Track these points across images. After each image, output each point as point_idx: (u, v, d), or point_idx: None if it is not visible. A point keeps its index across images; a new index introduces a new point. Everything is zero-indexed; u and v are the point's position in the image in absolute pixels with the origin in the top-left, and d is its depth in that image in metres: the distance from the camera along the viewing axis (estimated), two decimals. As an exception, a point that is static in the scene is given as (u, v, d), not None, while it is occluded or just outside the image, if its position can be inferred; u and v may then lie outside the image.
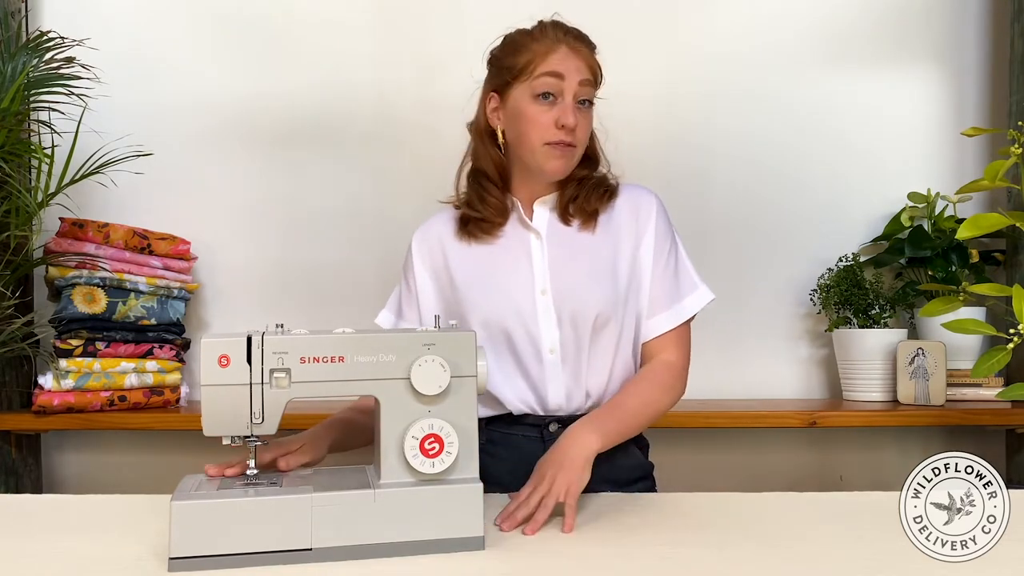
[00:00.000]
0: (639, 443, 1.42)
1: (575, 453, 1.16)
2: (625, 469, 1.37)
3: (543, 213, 1.38)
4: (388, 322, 1.47)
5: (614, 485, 1.33)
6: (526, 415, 1.34)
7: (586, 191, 1.37)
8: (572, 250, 1.35)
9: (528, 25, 1.37)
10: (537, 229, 1.37)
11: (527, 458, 1.32)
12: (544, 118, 1.30)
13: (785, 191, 2.13)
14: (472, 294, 1.35)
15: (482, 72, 1.42)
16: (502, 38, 1.39)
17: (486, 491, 0.94)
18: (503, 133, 1.37)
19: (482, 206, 1.38)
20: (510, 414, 1.36)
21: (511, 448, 1.35)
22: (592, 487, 1.31)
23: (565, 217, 1.37)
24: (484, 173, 1.40)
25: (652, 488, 1.43)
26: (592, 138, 1.42)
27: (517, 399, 1.34)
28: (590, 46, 1.35)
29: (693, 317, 1.37)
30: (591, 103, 1.34)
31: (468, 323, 1.36)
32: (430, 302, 1.42)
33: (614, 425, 1.25)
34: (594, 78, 1.34)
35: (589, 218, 1.36)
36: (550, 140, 1.30)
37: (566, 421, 1.33)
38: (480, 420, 1.37)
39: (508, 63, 1.35)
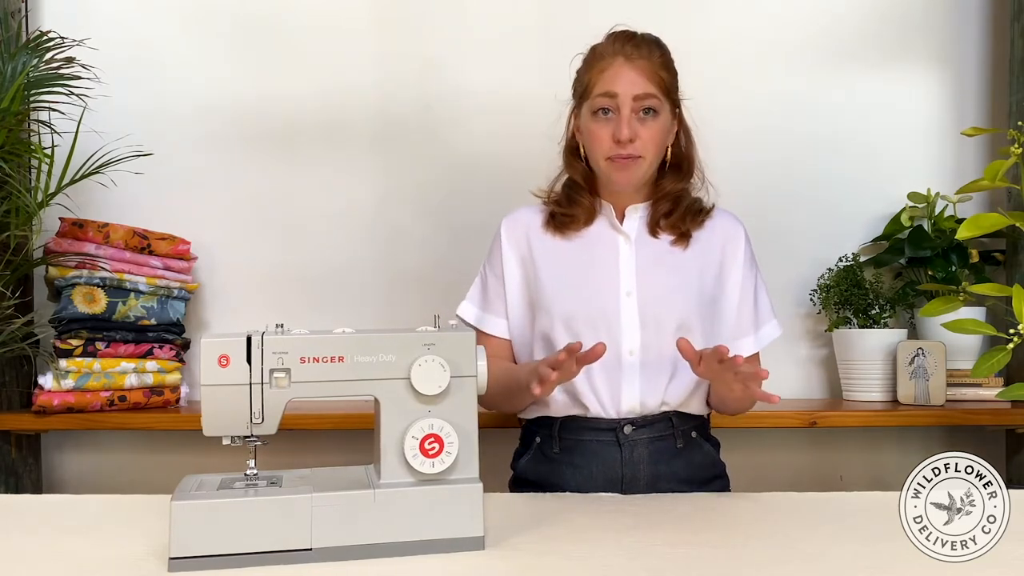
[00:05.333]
0: (711, 442, 1.43)
1: None
2: (702, 467, 1.38)
3: (634, 219, 1.41)
4: (471, 314, 1.46)
5: (690, 484, 1.34)
6: (599, 418, 1.34)
7: (681, 211, 1.39)
8: (660, 258, 1.37)
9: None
10: (627, 233, 1.38)
11: (605, 462, 1.32)
12: (603, 133, 1.33)
13: (785, 191, 2.13)
14: (556, 289, 1.36)
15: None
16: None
17: None
18: (583, 147, 1.41)
19: (570, 206, 1.41)
20: (583, 417, 1.35)
21: (588, 455, 1.35)
22: (668, 487, 1.31)
23: (655, 230, 1.39)
24: (575, 182, 1.44)
25: (726, 487, 1.43)
26: (688, 141, 1.44)
27: (593, 397, 1.34)
28: (653, 52, 1.36)
29: None
30: (656, 112, 1.34)
31: (550, 317, 1.36)
32: (516, 289, 1.43)
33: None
34: (658, 86, 1.34)
35: (681, 237, 1.39)
36: (609, 155, 1.33)
37: (639, 424, 1.33)
38: (551, 427, 1.37)
39: (577, 82, 1.41)
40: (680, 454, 1.35)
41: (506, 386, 1.34)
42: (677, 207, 1.39)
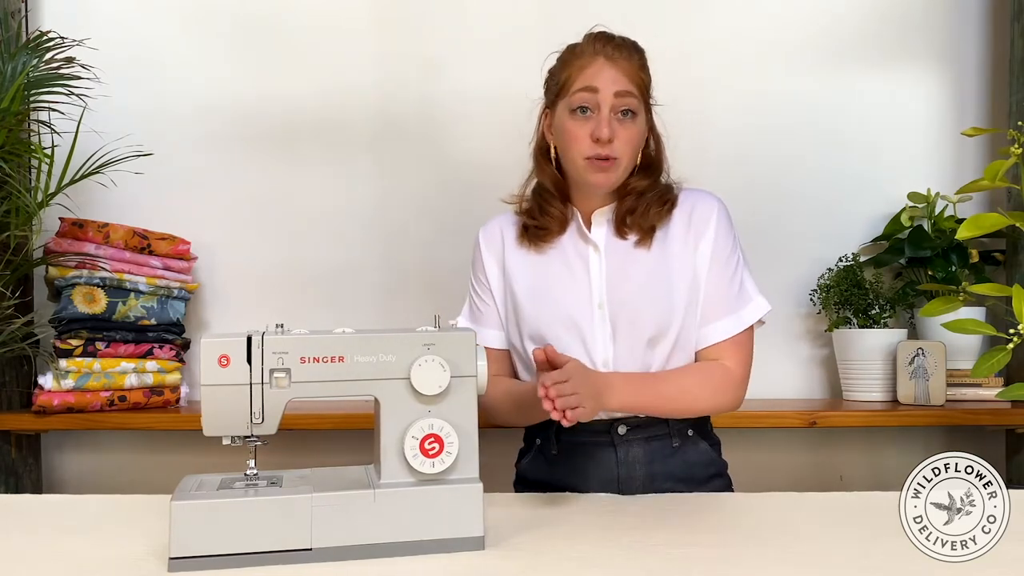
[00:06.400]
0: (710, 440, 1.41)
1: (600, 403, 1.20)
2: (699, 466, 1.37)
3: (601, 225, 1.38)
4: None
5: (687, 483, 1.33)
6: (592, 420, 1.31)
7: (644, 205, 1.35)
8: (629, 265, 1.34)
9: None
10: (596, 242, 1.36)
11: (601, 462, 1.32)
12: (581, 132, 1.30)
13: (785, 191, 2.13)
14: (528, 304, 1.36)
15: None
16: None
17: None
18: (555, 148, 1.38)
19: (542, 217, 1.39)
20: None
21: (584, 456, 1.34)
22: (665, 487, 1.30)
23: (621, 230, 1.36)
24: (545, 188, 1.41)
25: (728, 487, 1.41)
26: (658, 146, 1.41)
27: None
28: (632, 55, 1.34)
29: (752, 328, 1.36)
30: (634, 113, 1.32)
31: (521, 330, 1.36)
32: (502, 298, 1.42)
33: (644, 402, 1.28)
34: (637, 87, 1.32)
35: (646, 234, 1.35)
36: (588, 155, 1.30)
37: (633, 424, 1.32)
38: (549, 428, 1.37)
39: (554, 80, 1.38)
40: (676, 453, 1.34)
41: (517, 403, 1.34)
42: (641, 202, 1.35)
